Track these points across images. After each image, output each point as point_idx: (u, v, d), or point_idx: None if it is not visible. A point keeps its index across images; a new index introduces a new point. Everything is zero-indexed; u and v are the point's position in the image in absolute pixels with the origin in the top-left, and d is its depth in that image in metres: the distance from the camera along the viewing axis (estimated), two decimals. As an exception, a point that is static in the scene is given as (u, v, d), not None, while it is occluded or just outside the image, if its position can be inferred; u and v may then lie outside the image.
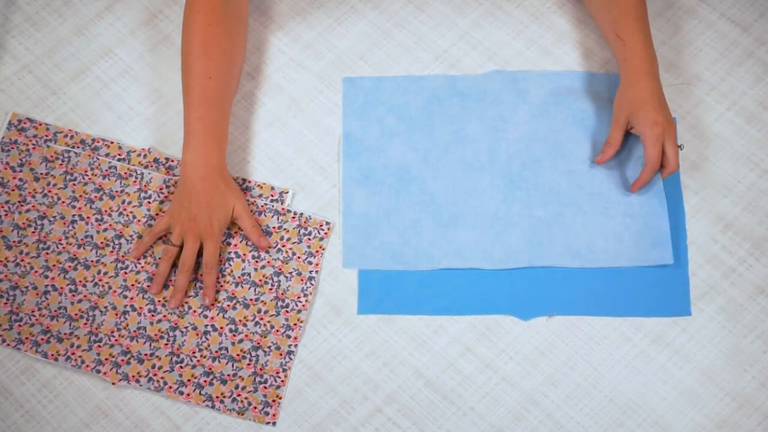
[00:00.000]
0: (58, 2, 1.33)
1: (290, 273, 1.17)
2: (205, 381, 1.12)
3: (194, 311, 1.15)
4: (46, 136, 1.24)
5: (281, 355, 1.14)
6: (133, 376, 1.12)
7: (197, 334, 1.14)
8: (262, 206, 1.21)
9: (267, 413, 1.11)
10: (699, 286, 1.17)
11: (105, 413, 1.12)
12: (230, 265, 1.17)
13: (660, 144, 1.15)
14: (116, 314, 1.15)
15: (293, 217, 1.20)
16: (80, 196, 1.21)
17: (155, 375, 1.12)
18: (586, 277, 1.17)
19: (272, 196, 1.22)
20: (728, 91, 1.27)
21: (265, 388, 1.12)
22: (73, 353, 1.13)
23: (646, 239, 1.18)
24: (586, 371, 1.14)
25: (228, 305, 1.16)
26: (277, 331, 1.15)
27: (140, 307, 1.15)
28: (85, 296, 1.16)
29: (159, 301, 1.15)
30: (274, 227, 1.20)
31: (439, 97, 1.26)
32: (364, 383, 1.13)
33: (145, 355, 1.13)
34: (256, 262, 1.18)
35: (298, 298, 1.16)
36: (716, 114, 1.26)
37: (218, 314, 1.15)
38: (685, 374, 1.13)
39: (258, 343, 1.14)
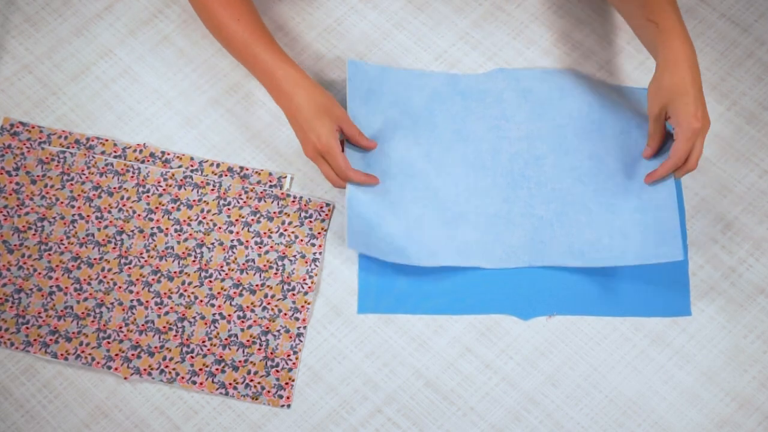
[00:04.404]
0: (57, 2, 1.33)
1: (294, 256, 1.18)
2: (217, 369, 1.13)
3: (201, 301, 1.16)
4: (40, 138, 1.24)
5: (291, 337, 1.14)
6: (145, 370, 1.13)
7: (206, 324, 1.15)
8: (261, 192, 1.21)
9: (281, 396, 1.12)
10: (699, 286, 1.17)
11: (105, 413, 1.12)
12: (234, 252, 1.18)
13: (693, 140, 1.08)
14: (123, 309, 1.16)
15: (293, 201, 1.21)
16: (78, 195, 1.21)
17: (167, 367, 1.13)
18: (586, 277, 1.17)
19: (270, 181, 1.22)
20: (728, 91, 1.27)
21: (277, 371, 1.13)
22: (83, 351, 1.14)
23: (654, 235, 1.14)
24: (586, 371, 1.14)
25: (234, 292, 1.16)
26: (285, 314, 1.15)
27: (147, 301, 1.16)
28: (90, 294, 1.16)
29: (165, 293, 1.16)
30: (274, 212, 1.20)
31: (441, 95, 1.25)
32: (364, 383, 1.13)
33: (155, 347, 1.14)
34: (260, 247, 1.18)
35: (304, 280, 1.17)
36: (716, 114, 1.26)
37: (225, 302, 1.16)
38: (685, 374, 1.13)
39: (267, 328, 1.15)
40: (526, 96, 1.24)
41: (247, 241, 1.19)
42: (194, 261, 1.18)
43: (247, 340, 1.14)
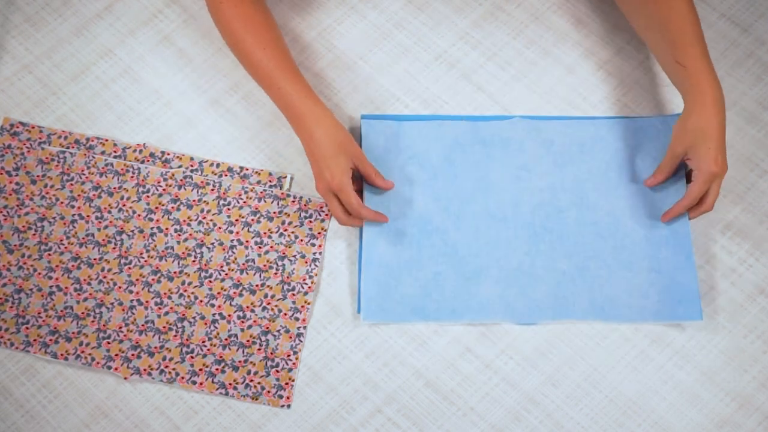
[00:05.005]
0: (57, 2, 1.33)
1: (294, 256, 1.18)
2: (217, 369, 1.13)
3: (201, 301, 1.16)
4: (40, 138, 1.24)
5: (291, 338, 1.14)
6: (145, 370, 1.13)
7: (206, 324, 1.15)
8: (261, 192, 1.21)
9: (281, 396, 1.12)
10: (699, 286, 1.17)
11: (105, 413, 1.12)
12: (234, 252, 1.18)
13: (709, 184, 1.12)
14: (123, 310, 1.16)
15: (293, 201, 1.21)
16: (78, 195, 1.21)
17: (167, 367, 1.13)
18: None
19: (270, 181, 1.22)
20: (728, 91, 1.26)
21: (277, 371, 1.13)
22: (83, 351, 1.14)
23: (672, 296, 1.14)
24: (586, 371, 1.14)
25: (234, 292, 1.16)
26: (285, 314, 1.15)
27: (146, 301, 1.16)
28: (90, 294, 1.16)
29: (165, 293, 1.16)
30: (274, 212, 1.20)
31: (462, 144, 1.23)
32: (364, 383, 1.13)
33: (155, 347, 1.14)
34: (260, 248, 1.18)
35: (304, 280, 1.17)
36: (716, 114, 1.26)
37: (225, 302, 1.16)
38: (685, 374, 1.13)
39: (267, 328, 1.15)
40: (548, 147, 1.22)
41: (247, 241, 1.19)
42: (194, 261, 1.18)
43: (247, 340, 1.14)
